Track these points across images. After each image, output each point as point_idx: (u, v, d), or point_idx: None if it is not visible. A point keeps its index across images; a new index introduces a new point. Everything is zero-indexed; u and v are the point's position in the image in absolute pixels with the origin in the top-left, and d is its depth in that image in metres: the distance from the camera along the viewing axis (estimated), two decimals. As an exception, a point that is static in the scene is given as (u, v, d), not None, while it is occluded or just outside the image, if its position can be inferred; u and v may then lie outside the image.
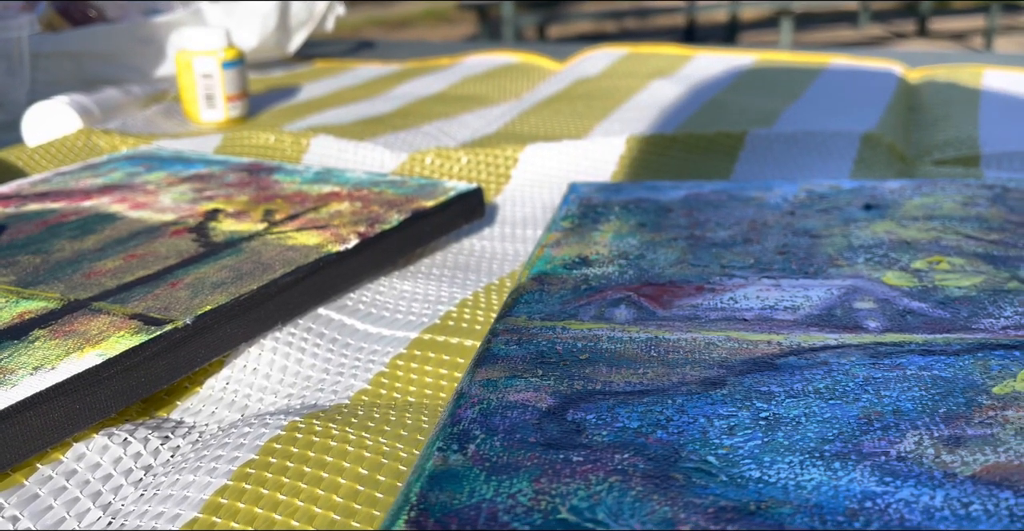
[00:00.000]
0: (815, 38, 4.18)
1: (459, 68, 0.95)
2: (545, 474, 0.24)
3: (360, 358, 0.36)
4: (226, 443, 0.29)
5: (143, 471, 0.29)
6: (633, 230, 0.42)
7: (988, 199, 0.44)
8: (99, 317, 0.33)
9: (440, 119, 0.73)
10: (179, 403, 0.34)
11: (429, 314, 0.39)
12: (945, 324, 0.32)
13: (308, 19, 1.00)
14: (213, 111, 0.73)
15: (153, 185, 0.50)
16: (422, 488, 0.23)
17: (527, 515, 0.22)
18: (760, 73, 0.87)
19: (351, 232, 0.42)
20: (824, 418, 0.26)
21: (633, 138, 0.60)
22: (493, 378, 0.29)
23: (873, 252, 0.38)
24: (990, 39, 3.77)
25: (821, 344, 0.30)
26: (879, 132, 0.61)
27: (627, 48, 0.99)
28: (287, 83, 0.90)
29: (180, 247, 0.41)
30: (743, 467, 0.24)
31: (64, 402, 0.29)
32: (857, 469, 0.24)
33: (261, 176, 0.51)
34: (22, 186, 0.51)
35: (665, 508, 0.22)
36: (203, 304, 0.34)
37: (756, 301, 0.34)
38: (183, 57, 0.73)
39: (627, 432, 0.26)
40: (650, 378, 0.29)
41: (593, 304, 0.34)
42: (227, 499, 0.26)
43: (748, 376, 0.29)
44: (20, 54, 0.77)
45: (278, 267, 0.38)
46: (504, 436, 0.26)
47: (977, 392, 0.27)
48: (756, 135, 0.61)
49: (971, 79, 0.79)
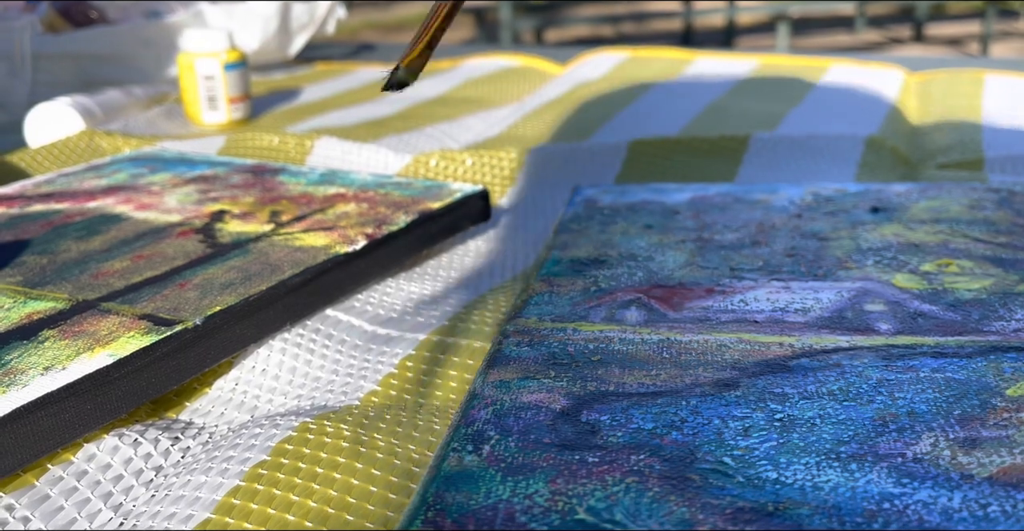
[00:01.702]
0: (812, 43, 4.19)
1: (460, 71, 0.95)
2: (561, 475, 0.24)
3: (369, 359, 0.36)
4: (237, 444, 0.29)
5: (154, 472, 0.29)
6: (640, 232, 0.42)
7: (994, 202, 0.44)
8: (108, 317, 0.33)
9: (442, 122, 0.73)
10: (188, 404, 0.34)
11: (437, 315, 0.39)
12: (956, 327, 0.32)
13: (309, 22, 0.99)
14: (215, 113, 0.73)
15: (158, 186, 0.50)
16: (438, 488, 0.23)
17: (544, 515, 0.22)
18: (762, 77, 0.87)
19: (359, 233, 0.42)
20: (839, 420, 0.26)
21: (636, 141, 0.60)
22: (506, 379, 0.29)
23: (882, 255, 0.38)
24: (986, 44, 3.79)
25: (833, 346, 0.30)
26: (882, 136, 0.61)
27: (628, 52, 1.00)
28: (289, 85, 0.90)
29: (187, 248, 0.41)
30: (760, 468, 0.24)
31: (75, 402, 0.29)
32: (874, 471, 0.24)
33: (266, 177, 0.51)
34: (26, 187, 0.51)
35: (683, 509, 0.22)
36: (212, 305, 0.34)
37: (767, 303, 0.34)
38: (185, 59, 0.72)
39: (642, 433, 0.26)
40: (663, 380, 0.29)
41: (603, 306, 0.34)
42: (239, 500, 0.26)
43: (761, 378, 0.29)
44: (22, 55, 0.76)
45: (286, 268, 0.38)
46: (519, 437, 0.26)
47: (991, 394, 0.27)
48: (759, 138, 0.61)
49: (973, 83, 0.80)
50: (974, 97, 0.75)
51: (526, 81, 0.89)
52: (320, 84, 0.91)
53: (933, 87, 0.81)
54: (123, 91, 0.76)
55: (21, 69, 0.76)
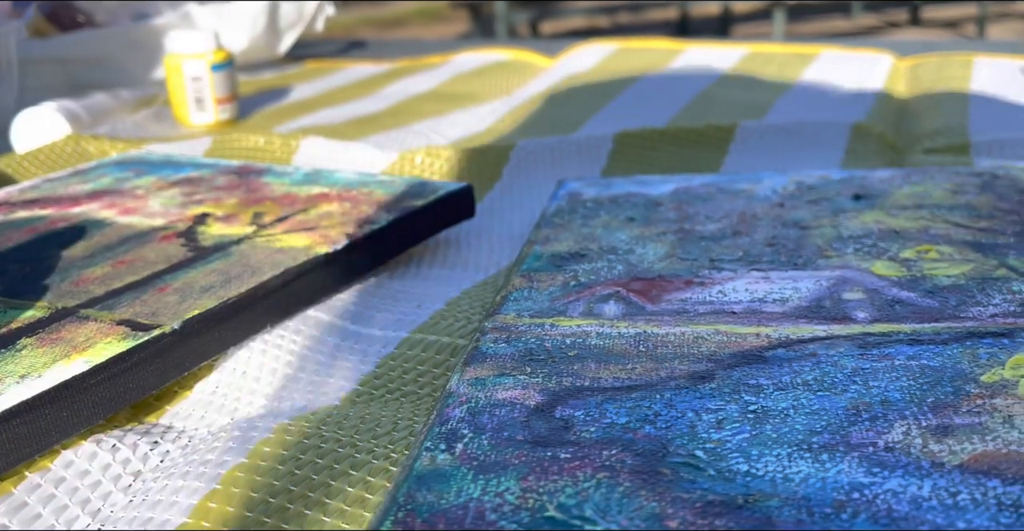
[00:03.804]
0: (808, 29, 4.18)
1: (450, 66, 0.95)
2: (533, 472, 0.24)
3: (350, 359, 0.36)
4: (215, 447, 0.29)
5: (132, 477, 0.29)
6: (622, 225, 0.42)
7: (977, 187, 0.44)
8: (86, 324, 0.33)
9: (431, 118, 0.73)
10: (169, 408, 0.34)
11: (419, 313, 0.39)
12: (934, 313, 0.31)
13: (298, 20, 0.99)
14: (203, 114, 0.73)
15: (142, 190, 0.50)
16: (409, 488, 0.23)
17: (514, 513, 0.22)
18: (750, 65, 0.87)
19: (340, 233, 0.42)
20: (812, 410, 0.26)
21: (623, 133, 0.60)
22: (481, 377, 0.29)
23: (862, 242, 0.38)
24: (983, 26, 3.77)
25: (810, 336, 0.30)
26: (869, 122, 0.61)
27: (617, 43, 0.99)
28: (278, 84, 0.90)
29: (169, 252, 0.41)
30: (731, 461, 0.24)
31: (51, 410, 0.29)
32: (845, 460, 0.23)
33: (251, 178, 0.51)
34: (11, 193, 0.51)
35: (653, 504, 0.22)
36: (191, 309, 0.34)
37: (745, 294, 0.34)
38: (172, 60, 0.72)
39: (615, 428, 0.26)
40: (639, 373, 0.29)
41: (582, 300, 0.34)
42: (216, 503, 0.26)
43: (737, 369, 0.29)
44: (8, 60, 0.76)
45: (266, 270, 0.38)
46: (492, 435, 0.26)
47: (965, 381, 0.27)
48: (746, 127, 0.61)
49: (961, 67, 0.79)
50: (963, 80, 0.75)
51: (516, 75, 0.89)
52: (310, 82, 0.91)
53: (922, 71, 0.80)
54: (110, 94, 0.76)
55: (7, 74, 0.76)
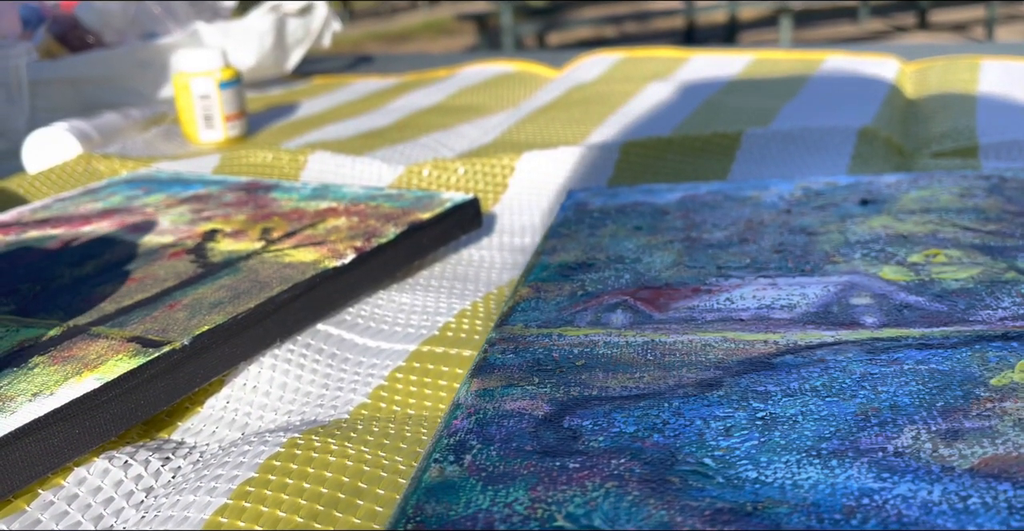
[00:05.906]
0: (815, 35, 4.18)
1: (456, 79, 0.95)
2: (541, 482, 0.24)
3: (359, 372, 0.36)
4: (226, 462, 0.29)
5: (144, 493, 0.29)
6: (629, 234, 0.42)
7: (985, 190, 0.44)
8: (97, 341, 0.34)
9: (437, 131, 0.74)
10: (180, 424, 0.34)
11: (428, 326, 0.39)
12: (942, 317, 0.31)
13: (305, 36, 1.00)
14: (212, 131, 0.74)
15: (152, 208, 0.51)
16: (418, 500, 0.23)
17: (523, 523, 0.22)
18: (756, 72, 0.87)
19: (348, 247, 0.42)
20: (821, 416, 0.26)
21: (628, 143, 0.60)
22: (489, 387, 0.29)
23: (870, 247, 0.38)
24: (991, 29, 3.76)
25: (818, 342, 0.30)
26: (876, 126, 0.61)
27: (622, 53, 0.99)
28: (286, 100, 0.91)
29: (178, 269, 0.41)
30: (740, 468, 0.24)
31: (63, 427, 0.29)
32: (854, 466, 0.23)
33: (259, 194, 0.51)
34: (22, 213, 0.51)
35: (661, 512, 0.22)
36: (200, 324, 0.34)
37: (752, 301, 0.34)
38: (180, 79, 0.73)
39: (623, 437, 0.26)
40: (646, 382, 0.29)
41: (589, 310, 0.34)
42: (227, 518, 0.26)
43: (745, 376, 0.28)
44: (19, 82, 0.77)
45: (275, 285, 0.38)
46: (500, 445, 0.26)
47: (975, 384, 0.27)
48: (752, 134, 0.61)
49: (968, 70, 0.79)
50: (970, 83, 0.75)
51: (522, 86, 0.89)
52: (317, 98, 0.91)
53: (929, 75, 0.80)
54: (120, 114, 0.76)
55: (18, 96, 0.77)
